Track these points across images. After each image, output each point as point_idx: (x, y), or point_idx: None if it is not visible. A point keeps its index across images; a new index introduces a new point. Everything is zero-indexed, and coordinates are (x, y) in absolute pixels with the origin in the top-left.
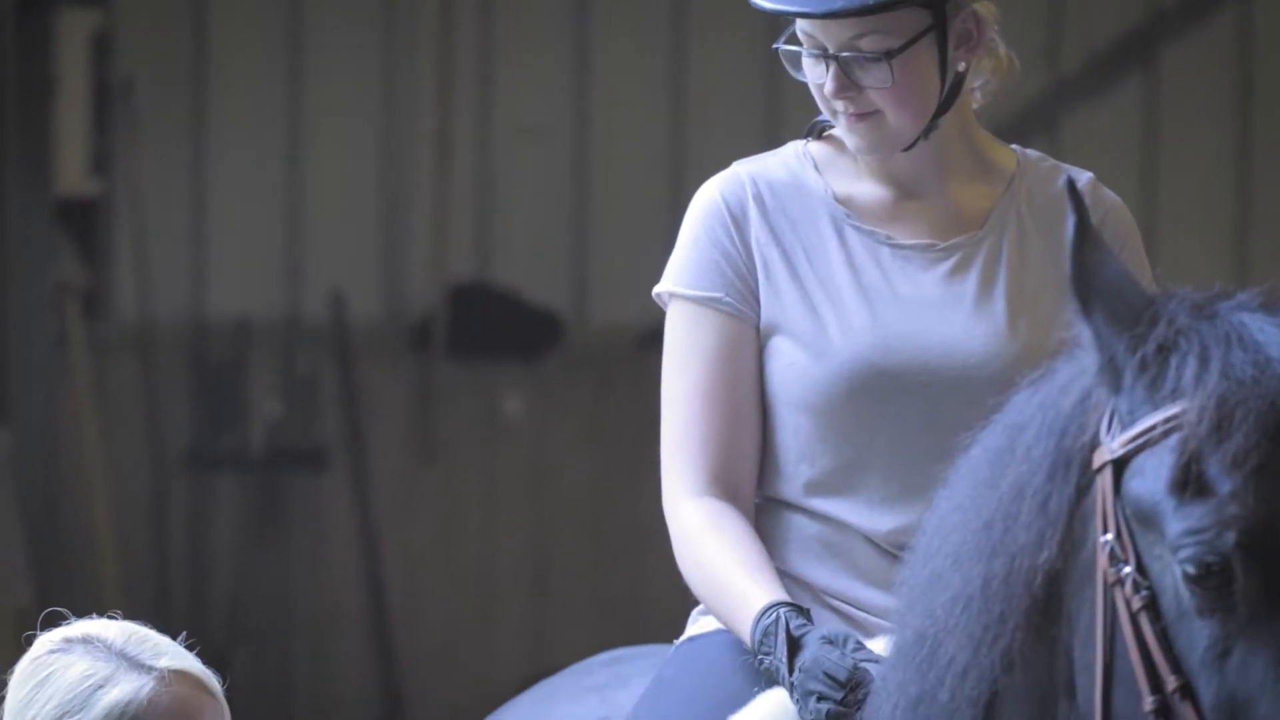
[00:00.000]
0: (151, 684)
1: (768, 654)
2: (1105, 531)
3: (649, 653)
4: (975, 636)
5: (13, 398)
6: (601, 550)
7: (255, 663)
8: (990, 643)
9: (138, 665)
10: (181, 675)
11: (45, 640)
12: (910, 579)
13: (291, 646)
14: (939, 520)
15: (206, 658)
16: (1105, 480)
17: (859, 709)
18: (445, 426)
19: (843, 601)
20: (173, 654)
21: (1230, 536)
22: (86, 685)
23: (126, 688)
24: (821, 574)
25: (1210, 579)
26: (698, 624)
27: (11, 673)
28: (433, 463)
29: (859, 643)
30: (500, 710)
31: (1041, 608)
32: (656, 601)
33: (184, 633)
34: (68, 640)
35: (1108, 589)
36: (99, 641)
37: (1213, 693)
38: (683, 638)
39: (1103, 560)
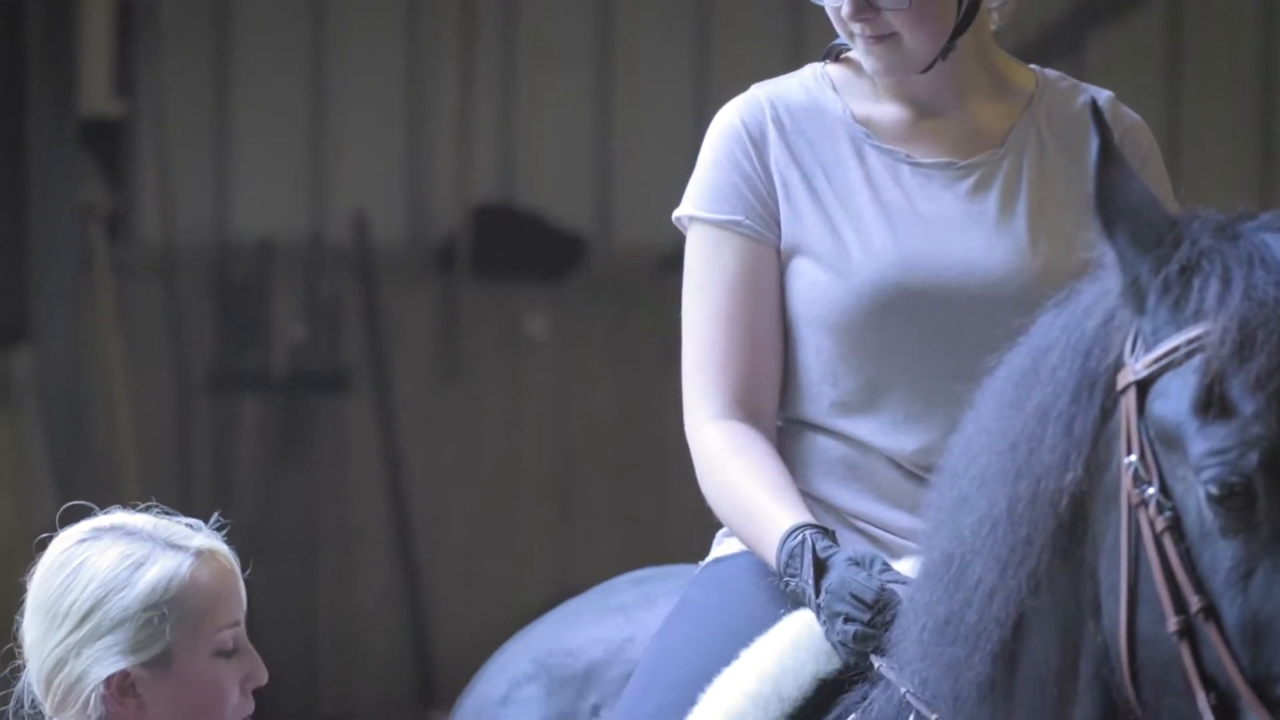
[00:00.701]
0: (190, 561)
1: (793, 576)
2: (1129, 453)
3: (674, 573)
4: (1002, 558)
5: (37, 319)
6: (625, 470)
7: (279, 583)
8: (1017, 564)
9: (173, 545)
10: (214, 554)
11: (70, 534)
12: (936, 501)
13: (315, 567)
14: (964, 442)
15: None
16: (1129, 402)
17: (886, 630)
18: (468, 348)
19: (867, 523)
20: (205, 534)
21: (1253, 457)
22: (126, 565)
23: (167, 564)
24: (845, 496)
25: (1233, 499)
26: (723, 546)
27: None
28: (456, 384)
29: (885, 564)
30: (525, 630)
31: (1067, 529)
32: (681, 521)
33: (216, 513)
34: (96, 530)
35: (1132, 510)
36: (129, 527)
37: (1236, 613)
38: (708, 560)
39: (1127, 482)
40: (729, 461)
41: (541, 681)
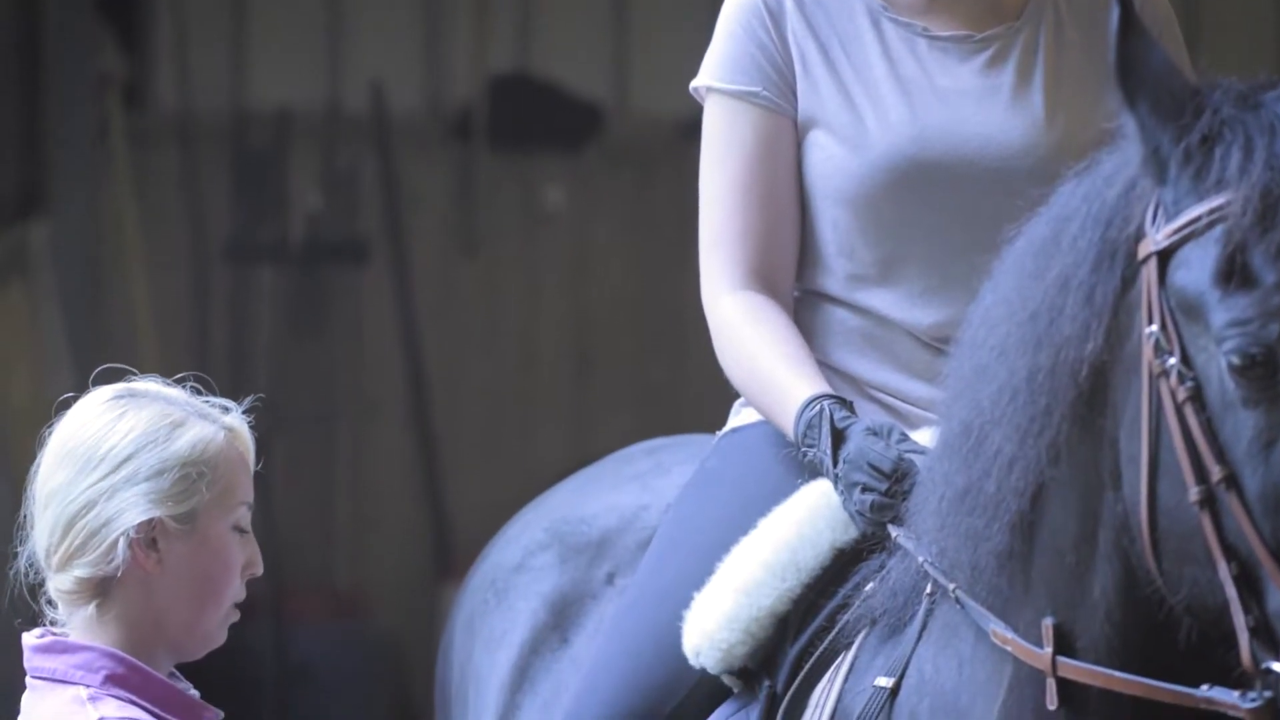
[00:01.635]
0: (223, 433)
1: (811, 446)
2: (1150, 323)
3: (690, 441)
4: (1021, 428)
5: (54, 189)
6: (643, 341)
7: (295, 452)
8: (1036, 434)
9: (206, 416)
10: (241, 435)
11: (105, 391)
12: (955, 371)
13: (332, 437)
14: (984, 312)
15: None
16: (1150, 271)
17: (903, 500)
18: (486, 218)
19: (885, 393)
20: (235, 415)
21: (1275, 327)
22: (165, 423)
23: (204, 430)
24: (863, 366)
25: (1255, 370)
26: (740, 415)
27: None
28: (473, 254)
29: (903, 434)
30: (541, 498)
31: (1087, 399)
32: (698, 391)
33: (252, 397)
34: (133, 391)
35: (1153, 380)
36: (165, 394)
37: (1258, 483)
38: (725, 429)
39: (1148, 352)
40: (747, 331)
41: (555, 550)
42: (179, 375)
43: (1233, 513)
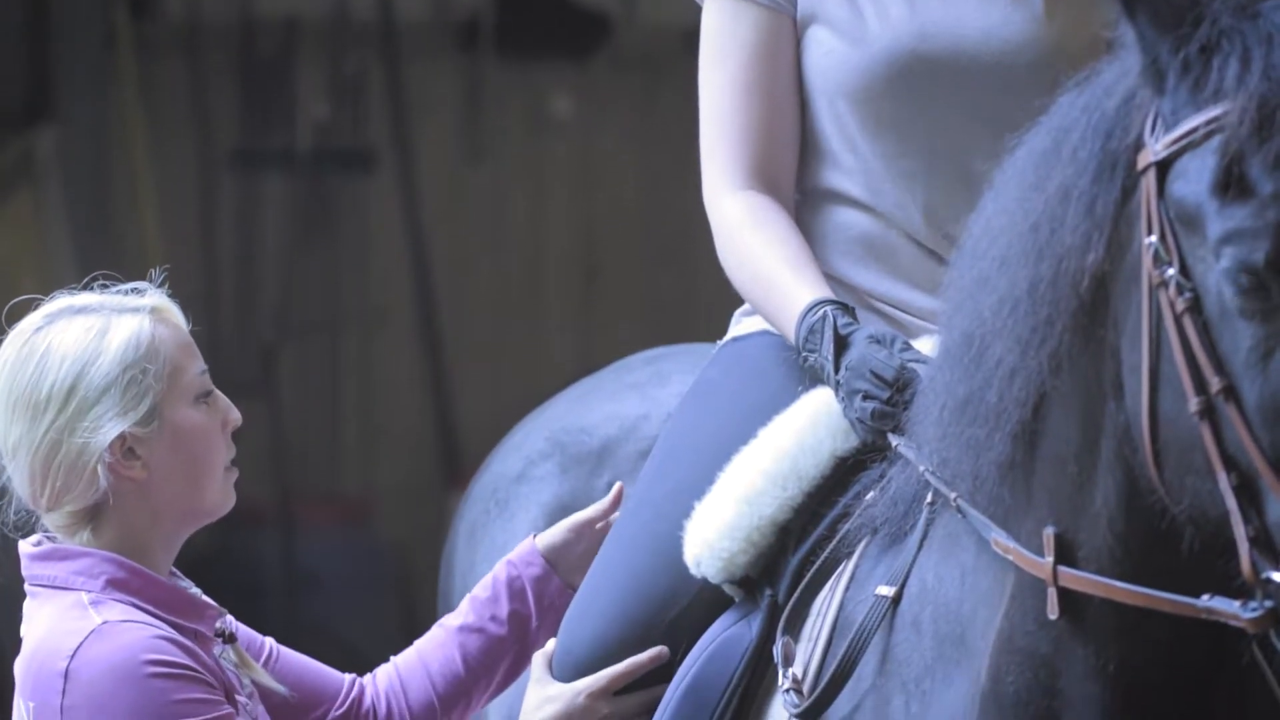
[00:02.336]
0: (149, 318)
1: (813, 351)
2: (1150, 234)
3: (689, 351)
4: (1023, 339)
5: (61, 98)
6: (650, 249)
7: (303, 359)
8: (1038, 345)
9: (127, 309)
10: (166, 310)
11: (21, 328)
12: (956, 281)
13: (339, 344)
14: (985, 223)
15: (255, 352)
16: (1149, 182)
17: (905, 409)
18: (492, 126)
19: (886, 304)
20: (152, 293)
21: (1270, 239)
22: (91, 337)
23: (130, 326)
24: (865, 276)
25: (1251, 281)
26: (741, 325)
27: None
28: (480, 162)
29: (906, 343)
30: (541, 407)
31: (1089, 310)
32: (706, 301)
33: (152, 270)
34: (47, 316)
35: (1153, 291)
36: (78, 305)
37: (1256, 393)
38: (725, 339)
39: (1148, 262)
40: (748, 234)
41: (556, 459)
42: (87, 278)
43: (1232, 423)
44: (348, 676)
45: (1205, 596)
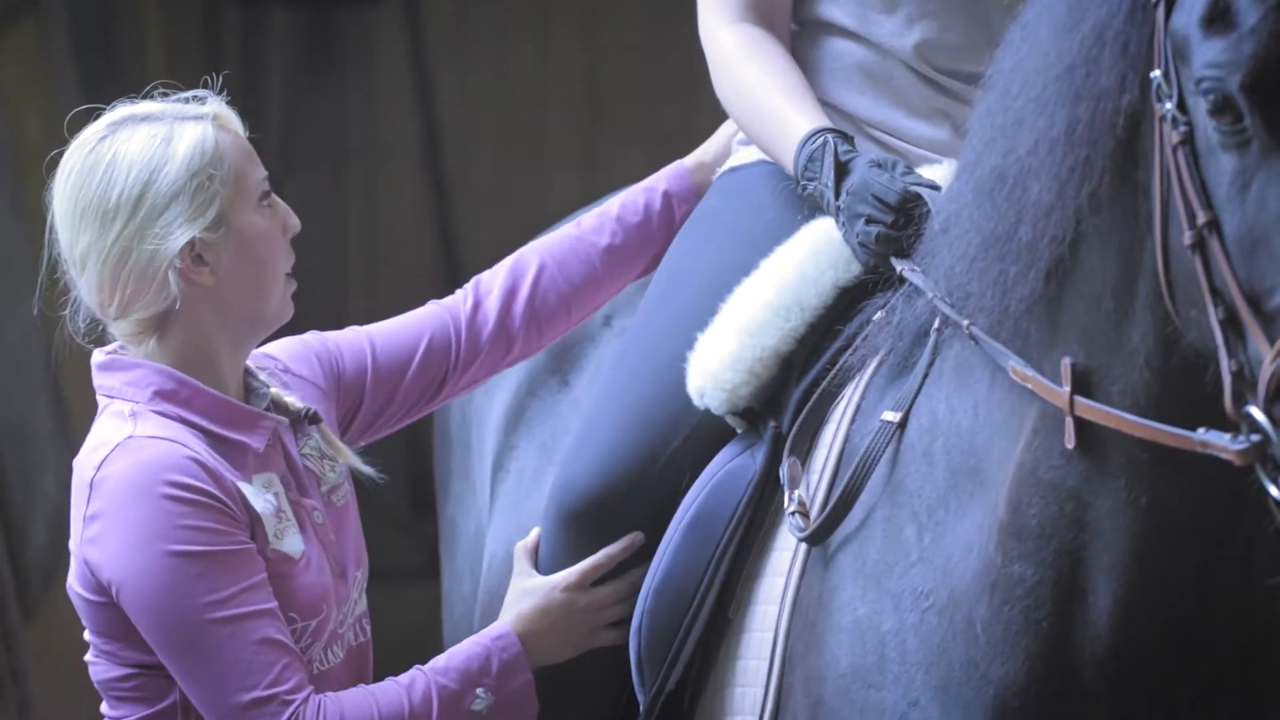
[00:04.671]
0: (211, 125)
1: (812, 179)
2: (1156, 67)
3: None
4: (1061, 178)
5: None
6: (654, 84)
7: (308, 193)
8: (1077, 185)
9: (189, 117)
10: (227, 116)
11: (85, 137)
12: (986, 118)
13: (344, 179)
14: (1017, 62)
15: None
16: (1159, 15)
17: (908, 232)
18: None
19: (883, 131)
20: (213, 100)
21: (1243, 71)
22: (157, 144)
23: (194, 132)
24: (862, 103)
25: (1227, 113)
26: (739, 155)
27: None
28: None
29: (908, 167)
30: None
31: (1125, 149)
32: (710, 134)
33: (205, 78)
34: (111, 124)
35: (1160, 125)
36: (141, 114)
37: (1234, 225)
38: (724, 168)
39: (1153, 96)
40: (744, 65)
41: None
42: (144, 92)
43: (1215, 256)
44: (447, 312)
45: (1201, 430)
